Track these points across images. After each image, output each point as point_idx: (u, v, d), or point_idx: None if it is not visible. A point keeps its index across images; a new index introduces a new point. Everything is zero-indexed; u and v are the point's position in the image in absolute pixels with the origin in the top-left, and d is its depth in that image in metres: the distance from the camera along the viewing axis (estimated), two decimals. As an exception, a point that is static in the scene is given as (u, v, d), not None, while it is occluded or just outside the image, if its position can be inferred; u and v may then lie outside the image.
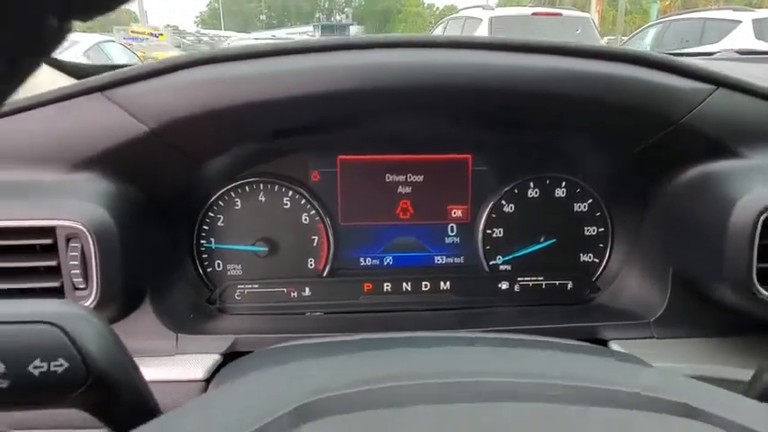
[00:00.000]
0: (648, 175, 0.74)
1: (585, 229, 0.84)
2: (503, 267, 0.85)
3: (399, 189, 0.83)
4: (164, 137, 0.62)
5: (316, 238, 0.82)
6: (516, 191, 0.83)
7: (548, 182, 0.83)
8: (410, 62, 0.61)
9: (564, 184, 0.83)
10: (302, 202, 0.81)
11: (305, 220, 0.82)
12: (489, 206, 0.83)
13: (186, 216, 0.79)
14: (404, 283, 0.84)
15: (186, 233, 0.80)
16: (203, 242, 0.81)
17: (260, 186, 0.80)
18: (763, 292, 0.59)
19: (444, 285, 0.84)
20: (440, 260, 0.86)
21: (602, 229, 0.84)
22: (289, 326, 0.77)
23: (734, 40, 5.73)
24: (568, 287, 0.85)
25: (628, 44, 7.76)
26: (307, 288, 0.82)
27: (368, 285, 0.83)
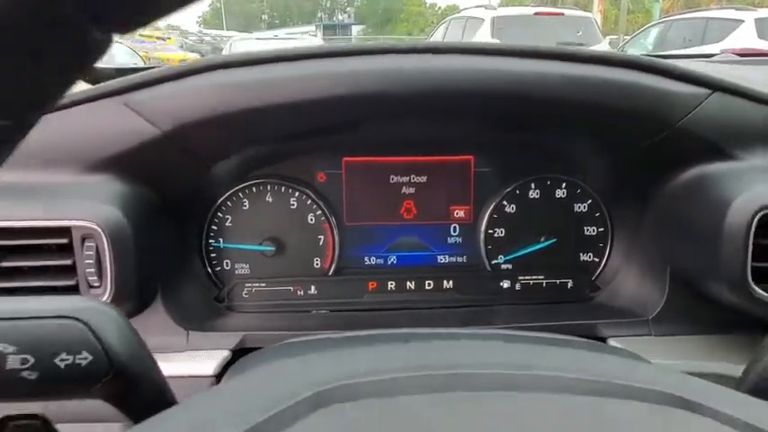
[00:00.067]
0: (647, 176, 0.75)
1: (585, 229, 0.86)
2: (504, 266, 0.87)
3: (403, 190, 0.85)
4: (176, 140, 0.64)
5: (321, 238, 0.84)
6: (518, 191, 0.85)
7: (548, 183, 0.85)
8: (417, 68, 0.62)
9: (564, 184, 0.85)
10: (308, 202, 0.83)
11: (311, 220, 0.84)
12: (491, 207, 0.85)
13: (196, 216, 0.81)
14: (407, 282, 0.86)
15: (196, 233, 0.82)
16: (212, 242, 0.83)
17: (267, 187, 0.82)
18: (758, 290, 0.60)
19: (447, 284, 0.86)
20: (443, 259, 0.88)
21: (601, 229, 0.86)
22: (295, 323, 0.79)
23: (736, 40, 5.73)
24: (569, 286, 0.87)
25: (630, 43, 7.75)
26: (313, 286, 0.84)
27: (372, 284, 0.85)
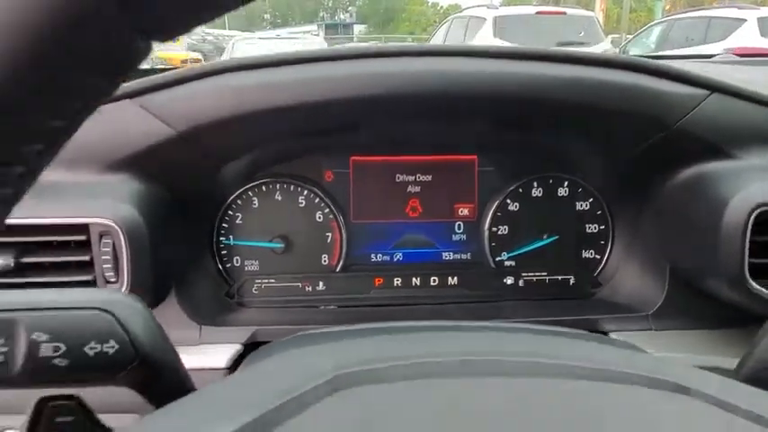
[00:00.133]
0: (647, 175, 0.77)
1: (587, 226, 0.88)
2: (508, 263, 0.89)
3: (409, 188, 0.87)
4: (190, 141, 0.66)
5: (329, 235, 0.86)
6: (521, 190, 0.87)
7: (551, 182, 0.87)
8: (424, 71, 0.65)
9: (566, 183, 0.87)
10: (316, 200, 0.85)
11: (319, 218, 0.86)
12: (495, 205, 0.87)
13: (207, 214, 0.83)
14: (413, 278, 0.88)
15: (207, 231, 0.84)
16: (223, 239, 0.85)
17: (276, 186, 0.84)
18: (755, 286, 0.62)
19: (452, 280, 0.88)
20: (447, 256, 0.90)
21: (602, 227, 0.88)
22: (304, 318, 0.81)
23: (739, 39, 5.71)
24: (570, 282, 0.89)
25: (632, 43, 7.74)
26: (321, 282, 0.86)
27: (379, 280, 0.87)
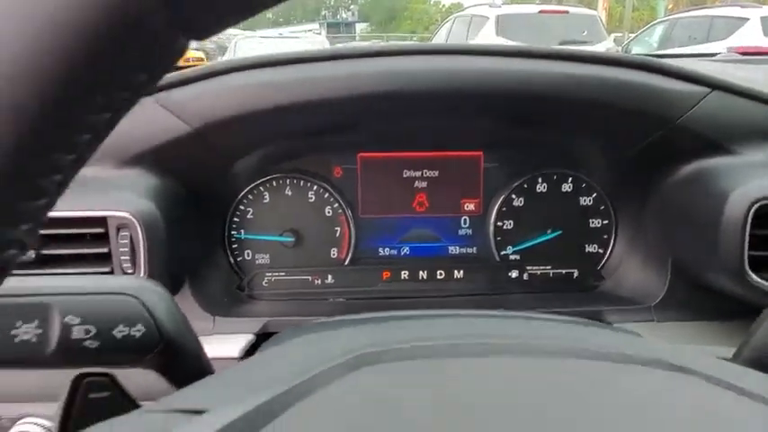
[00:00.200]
0: (648, 171, 0.79)
1: (590, 221, 0.90)
2: (513, 257, 0.91)
3: (416, 184, 0.89)
4: (204, 137, 0.68)
5: (338, 230, 0.88)
6: (525, 186, 0.88)
7: (555, 177, 0.88)
8: (431, 69, 0.66)
9: (570, 179, 0.89)
10: (326, 196, 0.87)
11: (328, 212, 0.88)
12: (500, 200, 0.88)
13: (219, 209, 0.85)
14: (420, 272, 0.90)
15: (219, 225, 0.86)
16: (234, 233, 0.87)
17: (287, 181, 0.86)
18: (755, 277, 0.64)
19: (458, 274, 0.90)
20: (453, 250, 0.91)
21: (606, 222, 0.90)
22: (313, 310, 0.83)
23: (742, 38, 5.71)
24: (574, 276, 0.90)
25: (635, 41, 7.73)
26: (329, 276, 0.88)
27: (386, 273, 0.89)
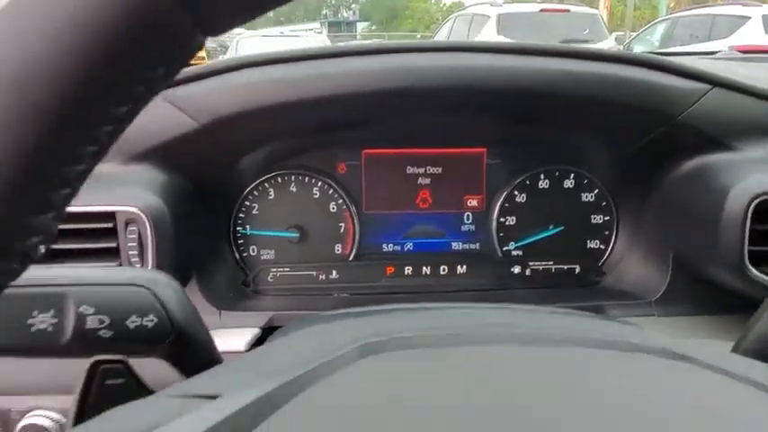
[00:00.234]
0: (650, 167, 0.80)
1: (592, 217, 0.90)
2: (515, 253, 0.91)
3: (419, 180, 0.89)
4: (211, 133, 0.69)
5: (342, 226, 0.89)
6: (528, 182, 0.89)
7: (557, 173, 0.89)
8: (436, 66, 0.67)
9: (572, 175, 0.89)
10: (330, 192, 0.88)
11: (332, 208, 0.89)
12: (503, 196, 0.89)
13: (225, 205, 0.86)
14: (423, 267, 0.90)
15: (225, 220, 0.87)
16: (240, 229, 0.88)
17: (291, 178, 0.87)
18: (755, 272, 0.65)
19: (461, 269, 0.91)
20: (457, 246, 0.92)
21: (607, 218, 0.91)
22: (318, 305, 0.84)
23: (743, 36, 5.71)
24: (576, 271, 0.91)
25: (636, 40, 7.73)
26: (334, 271, 0.89)
27: (390, 269, 0.90)
